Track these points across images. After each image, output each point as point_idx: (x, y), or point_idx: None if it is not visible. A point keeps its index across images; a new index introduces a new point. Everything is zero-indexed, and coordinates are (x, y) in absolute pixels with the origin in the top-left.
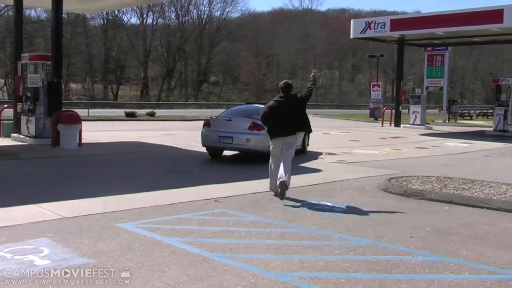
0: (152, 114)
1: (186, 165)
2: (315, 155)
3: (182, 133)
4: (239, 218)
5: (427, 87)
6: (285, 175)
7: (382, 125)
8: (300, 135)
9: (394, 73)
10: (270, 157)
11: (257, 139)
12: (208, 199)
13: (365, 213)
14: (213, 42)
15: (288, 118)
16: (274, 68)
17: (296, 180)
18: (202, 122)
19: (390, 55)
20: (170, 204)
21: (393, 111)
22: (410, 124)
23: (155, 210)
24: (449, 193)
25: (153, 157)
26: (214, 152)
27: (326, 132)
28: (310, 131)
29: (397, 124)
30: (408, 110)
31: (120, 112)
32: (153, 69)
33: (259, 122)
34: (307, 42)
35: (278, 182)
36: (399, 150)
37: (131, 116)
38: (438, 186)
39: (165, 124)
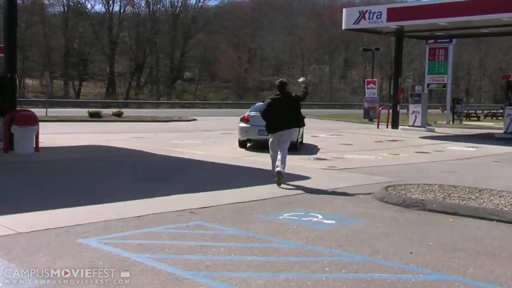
0: (119, 115)
1: (158, 172)
2: (302, 161)
3: (153, 136)
4: (217, 231)
5: (428, 84)
6: (281, 165)
7: (377, 127)
8: (295, 130)
9: (391, 68)
10: (270, 149)
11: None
12: (182, 210)
13: (359, 225)
14: (188, 34)
15: (284, 114)
16: (257, 63)
17: (281, 189)
18: (174, 123)
19: (387, 49)
20: (139, 216)
21: (390, 111)
22: (409, 126)
23: (121, 223)
24: (453, 204)
25: (120, 163)
26: (244, 143)
27: (315, 134)
28: (303, 124)
29: (395, 125)
30: (407, 110)
31: (83, 112)
32: (120, 64)
33: None
34: (294, 34)
35: (276, 169)
36: (397, 155)
37: (95, 117)
38: (441, 196)
39: (134, 125)
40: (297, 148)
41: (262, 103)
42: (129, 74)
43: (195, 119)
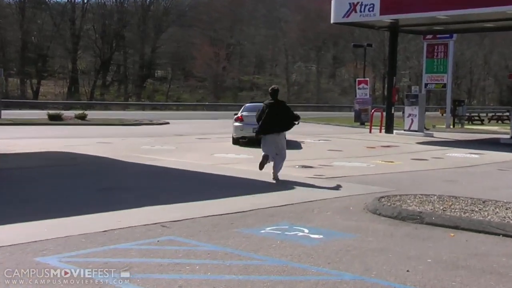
0: (82, 117)
1: (125, 181)
2: (286, 169)
3: (121, 141)
4: (191, 247)
5: (426, 84)
6: (277, 171)
7: (370, 131)
8: (284, 134)
9: (385, 67)
10: (262, 149)
11: None
12: (153, 223)
13: (350, 240)
14: (159, 27)
15: (277, 118)
16: (236, 60)
17: (262, 200)
18: (144, 127)
19: (380, 45)
20: (104, 231)
21: (384, 114)
22: (405, 130)
23: (84, 240)
24: (454, 216)
25: (83, 172)
26: (238, 141)
27: (300, 139)
28: (298, 119)
29: (389, 130)
30: (403, 112)
31: (42, 114)
32: (84, 60)
33: None
34: (276, 28)
35: (274, 175)
36: (392, 162)
37: (56, 120)
38: (441, 207)
39: (99, 129)
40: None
41: (252, 104)
42: (94, 72)
43: (167, 123)
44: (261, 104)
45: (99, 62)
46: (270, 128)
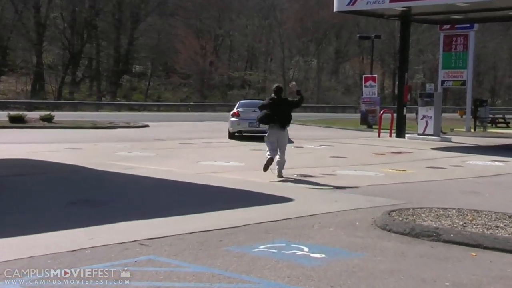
0: (49, 119)
1: (98, 192)
2: (283, 178)
3: (93, 146)
4: (174, 268)
5: (443, 82)
6: (281, 168)
7: (378, 136)
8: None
9: (395, 62)
10: (266, 141)
11: None
12: (130, 241)
13: (355, 260)
14: (137, 16)
15: (280, 112)
16: (225, 54)
17: (255, 214)
18: (120, 130)
19: (389, 36)
20: (74, 250)
21: (395, 115)
22: (418, 134)
23: (51, 260)
24: (476, 233)
25: (51, 182)
26: (234, 135)
27: (299, 145)
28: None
29: (400, 134)
30: (416, 114)
31: (2, 115)
32: (50, 53)
33: None
34: (271, 18)
35: (277, 173)
36: (403, 171)
37: (18, 122)
38: (461, 223)
39: (68, 133)
40: None
41: (246, 101)
42: (62, 66)
43: (146, 125)
44: (256, 101)
45: (67, 56)
46: (273, 117)
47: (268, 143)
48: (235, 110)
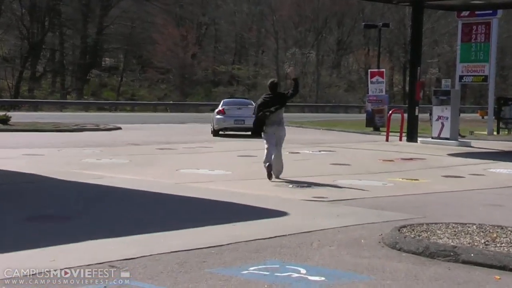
0: (4, 120)
1: (61, 206)
2: (276, 188)
3: (56, 152)
4: None
5: (461, 77)
6: (278, 171)
7: (387, 139)
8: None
9: (406, 54)
10: (266, 144)
11: None
12: (100, 263)
13: (361, 284)
14: (108, 1)
15: (277, 112)
16: (210, 45)
17: (244, 230)
18: (88, 133)
19: (399, 25)
20: (33, 274)
21: (405, 116)
22: (433, 138)
23: (5, 287)
24: (500, 253)
25: (6, 194)
26: (218, 132)
27: (295, 150)
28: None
29: (412, 137)
30: (430, 114)
31: None
32: (6, 44)
33: None
34: (263, 4)
35: (276, 174)
36: (416, 180)
37: None
38: (482, 241)
39: (26, 137)
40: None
41: (230, 99)
42: (20, 59)
43: (119, 128)
44: (240, 99)
45: (26, 47)
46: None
47: (267, 142)
48: (220, 107)
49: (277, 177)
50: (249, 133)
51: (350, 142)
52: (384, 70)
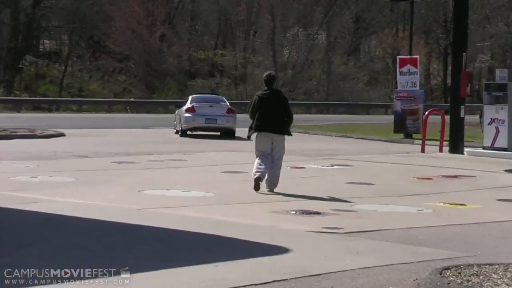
0: None
1: None
2: (274, 215)
3: None
4: None
5: None
6: (272, 183)
7: (423, 150)
8: (284, 140)
9: (447, 35)
10: (256, 154)
11: (232, 119)
12: None
13: None
14: None
15: (274, 113)
16: (185, 23)
17: (232, 272)
18: (19, 141)
19: None
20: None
21: (447, 118)
22: (484, 148)
23: None
24: None
25: None
26: (185, 133)
27: (299, 164)
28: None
29: (457, 147)
30: (480, 116)
31: None
32: None
33: (232, 107)
34: None
35: (269, 188)
36: (462, 205)
37: None
38: None
39: None
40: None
41: (200, 95)
42: None
43: (61, 134)
44: (212, 95)
45: None
46: (265, 124)
47: (258, 154)
48: (188, 105)
49: (271, 190)
50: (219, 133)
51: (372, 154)
52: (418, 57)
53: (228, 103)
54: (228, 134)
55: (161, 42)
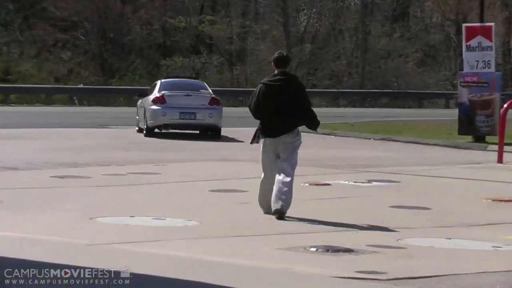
0: None
1: None
2: (288, 253)
3: None
4: None
5: None
6: (280, 202)
7: (500, 160)
8: (299, 137)
9: None
10: (263, 170)
11: (217, 114)
12: None
13: None
14: None
15: (287, 108)
16: None
17: None
18: None
19: None
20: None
21: None
22: None
23: None
24: None
25: None
26: (152, 131)
27: (321, 180)
28: (317, 124)
29: None
30: None
31: None
32: None
33: (216, 97)
34: None
35: (272, 209)
36: None
37: None
38: None
39: None
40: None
41: (171, 80)
42: None
43: None
44: (188, 80)
45: None
46: (277, 126)
47: (264, 161)
48: (157, 93)
49: (280, 215)
50: (198, 132)
51: (428, 165)
52: (493, 24)
53: (210, 91)
54: (211, 133)
55: (124, 4)
